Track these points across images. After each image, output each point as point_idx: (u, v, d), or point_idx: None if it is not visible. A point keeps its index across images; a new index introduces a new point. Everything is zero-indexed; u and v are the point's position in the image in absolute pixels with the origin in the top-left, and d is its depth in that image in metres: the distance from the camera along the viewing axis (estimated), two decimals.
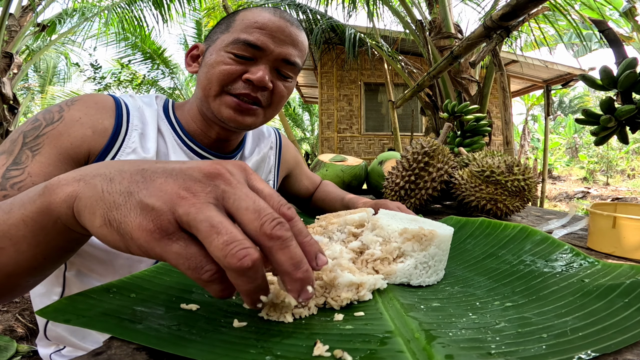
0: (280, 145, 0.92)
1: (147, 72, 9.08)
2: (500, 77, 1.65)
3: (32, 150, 0.52)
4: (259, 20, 0.62)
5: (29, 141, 0.53)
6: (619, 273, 0.39)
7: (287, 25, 0.64)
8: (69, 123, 0.56)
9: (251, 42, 0.61)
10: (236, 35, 0.62)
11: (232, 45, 0.62)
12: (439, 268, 0.44)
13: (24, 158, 0.51)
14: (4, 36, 3.57)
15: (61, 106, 0.58)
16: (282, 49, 0.63)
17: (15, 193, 0.47)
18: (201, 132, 0.70)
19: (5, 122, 3.61)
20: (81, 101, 0.59)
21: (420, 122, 7.06)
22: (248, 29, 0.62)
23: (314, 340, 0.28)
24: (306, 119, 17.14)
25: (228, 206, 0.26)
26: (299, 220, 0.28)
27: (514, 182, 0.87)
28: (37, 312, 0.29)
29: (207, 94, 0.64)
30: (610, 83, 0.76)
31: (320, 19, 4.30)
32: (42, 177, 0.50)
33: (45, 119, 0.55)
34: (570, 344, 0.27)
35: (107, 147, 0.58)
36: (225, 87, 0.63)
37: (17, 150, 0.51)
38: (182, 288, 0.37)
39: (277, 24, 0.63)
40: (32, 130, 0.54)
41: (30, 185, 0.48)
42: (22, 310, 2.06)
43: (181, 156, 0.68)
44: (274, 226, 0.25)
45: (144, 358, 0.26)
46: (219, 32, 0.66)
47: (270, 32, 0.62)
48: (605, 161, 12.42)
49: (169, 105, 0.71)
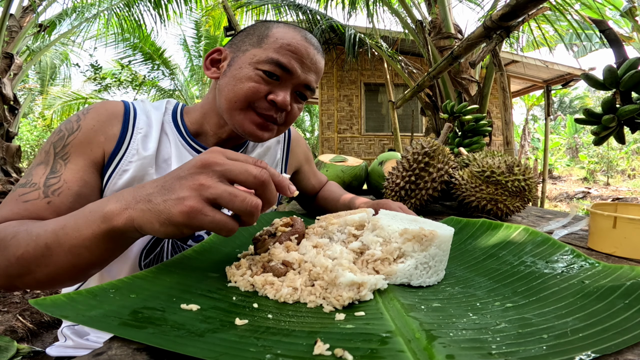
0: (289, 139, 0.92)
1: (148, 72, 9.09)
2: (500, 77, 1.65)
3: (63, 160, 0.59)
4: (292, 44, 0.66)
5: (59, 151, 0.59)
6: (619, 274, 0.39)
7: (315, 53, 0.69)
8: (86, 132, 0.62)
9: (283, 65, 0.64)
10: (270, 54, 0.65)
11: (265, 63, 0.64)
12: (440, 268, 0.44)
13: (58, 167, 0.58)
14: (5, 37, 3.58)
15: (78, 116, 0.64)
16: (307, 75, 0.68)
17: (56, 199, 0.55)
18: (212, 132, 0.73)
19: (6, 123, 3.61)
20: (94, 110, 0.65)
21: (420, 123, 7.06)
22: (282, 49, 0.65)
23: (315, 339, 0.28)
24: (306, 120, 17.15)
25: (229, 178, 0.39)
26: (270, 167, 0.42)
27: (515, 182, 0.87)
28: (32, 302, 0.30)
29: (232, 107, 0.66)
30: (612, 82, 0.76)
31: (320, 20, 4.30)
32: (75, 182, 0.57)
33: (67, 129, 0.62)
34: (571, 345, 0.27)
35: (115, 149, 0.63)
36: (251, 104, 0.66)
37: (51, 160, 0.59)
38: (182, 288, 0.37)
39: (307, 51, 0.67)
40: (59, 140, 0.60)
41: (66, 190, 0.56)
42: (23, 310, 2.06)
43: (184, 154, 0.71)
44: (262, 175, 0.39)
45: (144, 358, 0.26)
46: (249, 43, 0.68)
47: (301, 58, 0.66)
48: (606, 161, 12.42)
49: (177, 109, 0.75)
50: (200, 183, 0.37)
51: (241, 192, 0.37)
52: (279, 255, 0.43)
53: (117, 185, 0.61)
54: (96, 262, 0.43)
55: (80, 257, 0.41)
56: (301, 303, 0.36)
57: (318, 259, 0.40)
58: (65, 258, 0.41)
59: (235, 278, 0.41)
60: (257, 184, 0.39)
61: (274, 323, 0.31)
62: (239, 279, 0.40)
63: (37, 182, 0.55)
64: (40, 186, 0.55)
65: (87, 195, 0.58)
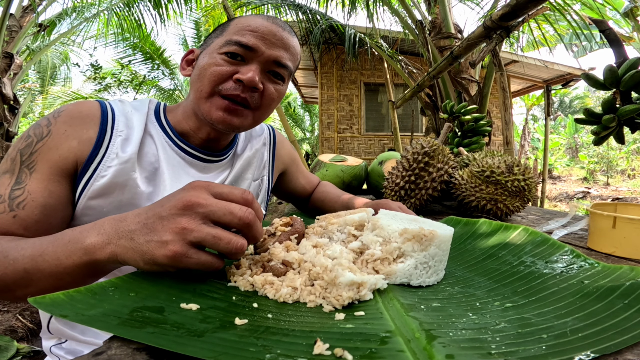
0: (274, 141, 0.92)
1: (148, 72, 9.08)
2: (500, 77, 1.65)
3: (29, 168, 0.55)
4: (251, 24, 0.65)
5: (25, 159, 0.56)
6: (618, 275, 0.39)
7: (279, 30, 0.66)
8: (56, 137, 0.58)
9: (242, 43, 0.63)
10: (229, 37, 0.64)
11: (225, 46, 0.64)
12: (439, 268, 0.44)
13: (23, 177, 0.54)
14: (5, 36, 3.57)
15: (49, 119, 0.60)
16: (273, 51, 0.65)
17: (22, 212, 0.52)
18: (193, 133, 0.72)
19: (6, 122, 3.61)
20: (66, 112, 0.61)
21: (420, 122, 7.06)
22: (240, 31, 0.64)
23: (314, 339, 0.28)
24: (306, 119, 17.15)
25: (213, 220, 0.38)
26: (255, 201, 0.42)
27: (514, 182, 0.87)
28: (31, 300, 0.30)
29: (199, 96, 0.65)
30: (613, 82, 0.76)
31: (320, 19, 4.30)
32: (40, 193, 0.54)
33: (36, 134, 0.58)
34: (570, 345, 0.27)
35: (92, 154, 0.59)
36: (216, 88, 0.64)
37: (17, 169, 0.55)
38: (182, 288, 0.37)
39: (269, 28, 0.65)
40: (26, 147, 0.56)
41: (31, 202, 0.53)
42: (23, 310, 2.06)
43: (172, 155, 0.69)
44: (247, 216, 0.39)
45: (144, 358, 0.26)
46: (213, 37, 0.69)
47: (262, 35, 0.64)
48: (606, 161, 12.41)
49: (160, 109, 0.72)
50: (183, 227, 0.36)
51: (225, 235, 0.37)
52: (279, 255, 0.43)
53: (94, 191, 0.58)
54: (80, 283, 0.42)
55: (62, 281, 0.41)
56: (301, 303, 0.36)
57: (318, 259, 0.40)
58: (47, 281, 0.42)
59: (235, 278, 0.41)
60: (241, 225, 0.38)
61: (273, 323, 0.31)
62: (239, 278, 0.40)
63: (2, 194, 0.52)
64: (6, 199, 0.52)
65: (54, 205, 0.55)
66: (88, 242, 0.40)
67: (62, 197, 0.57)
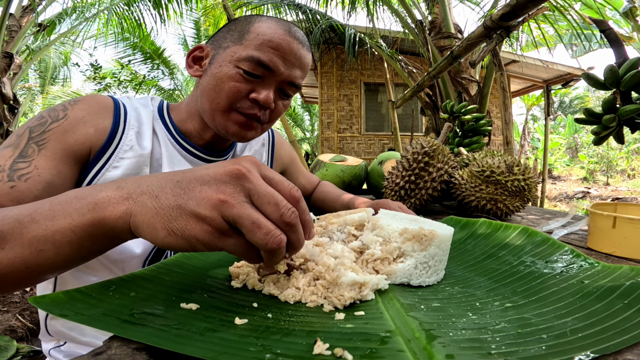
0: (273, 142, 0.92)
1: (147, 72, 9.08)
2: (500, 77, 1.65)
3: (38, 145, 0.54)
4: (274, 39, 0.63)
5: (35, 136, 0.54)
6: (618, 274, 0.39)
7: (299, 48, 0.66)
8: (73, 121, 0.58)
9: (264, 62, 0.62)
10: (250, 52, 0.62)
11: (245, 61, 0.62)
12: (439, 268, 0.44)
13: (30, 151, 0.53)
14: (4, 36, 3.57)
15: (65, 105, 0.60)
16: (291, 72, 0.65)
17: (23, 184, 0.49)
18: (196, 134, 0.72)
19: (6, 122, 3.60)
20: (84, 101, 0.62)
21: (420, 122, 7.05)
22: (262, 46, 0.63)
23: (314, 339, 0.28)
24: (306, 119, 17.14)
25: (254, 201, 0.32)
26: (302, 200, 0.35)
27: (514, 182, 0.87)
28: (30, 299, 0.30)
29: (214, 107, 0.65)
30: (613, 82, 0.76)
31: (320, 19, 4.30)
32: (47, 170, 0.52)
33: (51, 116, 0.57)
34: (570, 345, 0.27)
35: (106, 144, 0.60)
36: (233, 104, 0.65)
37: (23, 144, 0.53)
38: (182, 287, 0.37)
39: (290, 46, 0.64)
40: (38, 126, 0.56)
41: (36, 177, 0.50)
42: (22, 310, 2.06)
43: (175, 155, 0.69)
44: (289, 215, 0.32)
45: (144, 358, 0.26)
46: (230, 39, 0.66)
47: (283, 54, 0.64)
48: (605, 161, 12.41)
49: (163, 107, 0.73)
50: (224, 199, 0.30)
51: (267, 224, 0.31)
52: None
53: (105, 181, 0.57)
54: (56, 265, 0.34)
55: (39, 255, 0.33)
56: (301, 302, 0.36)
57: (321, 257, 0.40)
58: (20, 253, 0.32)
59: (236, 277, 0.41)
60: (281, 223, 0.32)
61: (273, 322, 0.31)
62: (240, 278, 0.40)
63: (2, 165, 0.50)
64: (5, 169, 0.49)
65: (58, 185, 0.53)
66: (102, 195, 0.33)
67: (69, 180, 0.56)
